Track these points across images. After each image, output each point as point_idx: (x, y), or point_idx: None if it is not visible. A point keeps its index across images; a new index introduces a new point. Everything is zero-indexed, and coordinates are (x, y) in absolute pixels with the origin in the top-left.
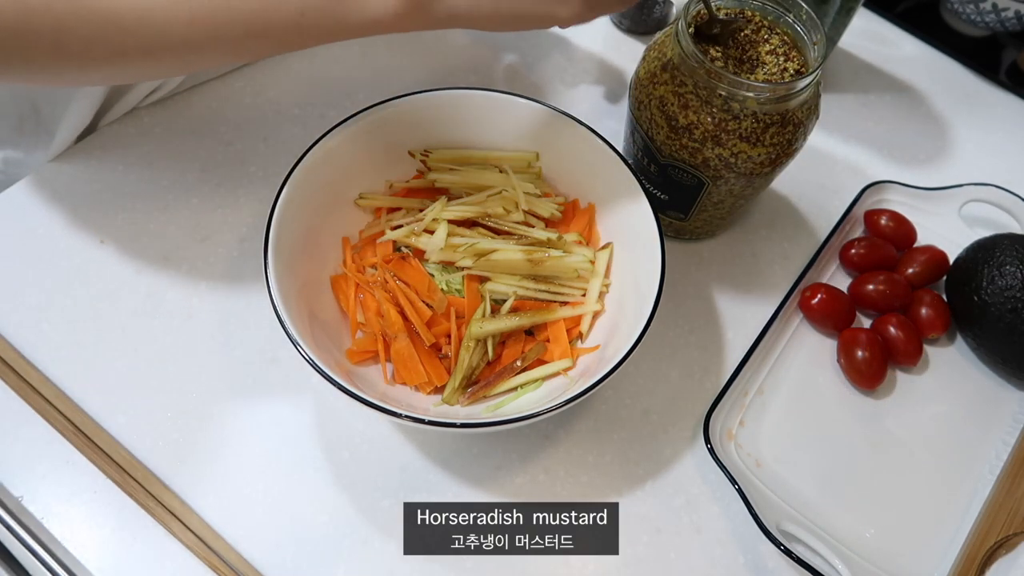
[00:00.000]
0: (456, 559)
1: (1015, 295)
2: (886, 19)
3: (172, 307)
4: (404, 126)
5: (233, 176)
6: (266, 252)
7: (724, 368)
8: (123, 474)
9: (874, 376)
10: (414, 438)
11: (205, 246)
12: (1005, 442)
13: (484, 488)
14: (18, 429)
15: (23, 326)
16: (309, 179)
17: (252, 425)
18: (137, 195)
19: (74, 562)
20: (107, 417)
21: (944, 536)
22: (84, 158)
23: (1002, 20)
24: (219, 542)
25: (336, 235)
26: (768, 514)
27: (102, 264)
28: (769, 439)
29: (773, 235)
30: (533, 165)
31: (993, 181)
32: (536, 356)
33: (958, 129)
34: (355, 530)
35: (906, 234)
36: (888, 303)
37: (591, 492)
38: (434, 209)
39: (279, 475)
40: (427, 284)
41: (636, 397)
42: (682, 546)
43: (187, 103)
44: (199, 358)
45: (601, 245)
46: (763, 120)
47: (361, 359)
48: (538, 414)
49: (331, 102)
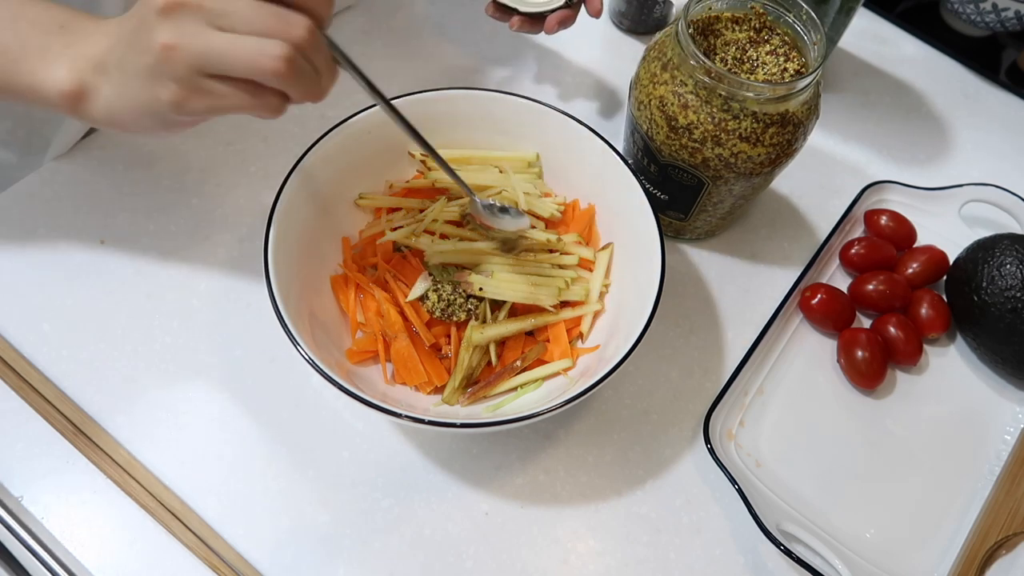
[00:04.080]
0: (456, 559)
1: (1015, 295)
2: (886, 19)
3: (172, 307)
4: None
5: (233, 176)
6: (266, 252)
7: (724, 368)
8: (123, 474)
9: (874, 376)
10: (414, 438)
11: (205, 246)
12: (1005, 442)
13: (484, 488)
14: (18, 429)
15: (23, 326)
16: (309, 179)
17: (252, 425)
18: (137, 195)
19: (74, 562)
20: (107, 417)
21: (944, 536)
22: (84, 158)
23: (1002, 20)
24: (219, 542)
25: (336, 235)
26: (768, 514)
27: (102, 264)
28: (769, 439)
29: (773, 235)
30: (533, 165)
31: (993, 181)
32: (536, 356)
33: (958, 129)
34: (355, 530)
35: (906, 234)
36: (888, 303)
37: (591, 492)
38: (434, 209)
39: (279, 475)
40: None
41: (636, 397)
42: (682, 546)
43: None
44: (199, 358)
45: (601, 245)
46: (763, 120)
47: (361, 359)
48: (538, 414)
49: (331, 102)
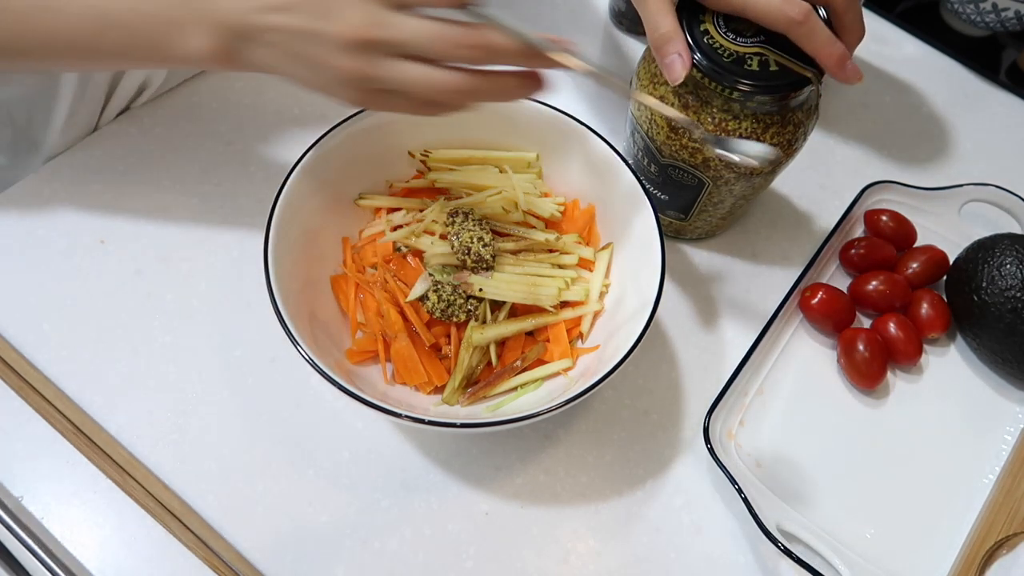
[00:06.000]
0: (456, 559)
1: (1015, 295)
2: (886, 19)
3: (172, 307)
4: (404, 126)
5: (233, 176)
6: (266, 252)
7: (724, 368)
8: (123, 474)
9: (874, 376)
10: (414, 438)
11: (205, 246)
12: (1005, 442)
13: (484, 488)
14: (18, 429)
15: (23, 326)
16: (309, 179)
17: (252, 425)
18: (137, 195)
19: (74, 562)
20: (107, 417)
21: (944, 536)
22: (84, 158)
23: (1002, 20)
24: (219, 542)
25: (336, 235)
26: (768, 514)
27: (102, 264)
28: (769, 439)
29: (773, 235)
30: (533, 165)
31: (993, 181)
32: (536, 356)
33: (958, 129)
34: (355, 530)
35: (906, 234)
36: (888, 303)
37: (591, 492)
38: (434, 209)
39: (279, 475)
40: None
41: (636, 397)
42: (682, 546)
43: (187, 103)
44: (199, 358)
45: (601, 245)
46: (763, 120)
47: (361, 359)
48: (538, 414)
49: (331, 102)
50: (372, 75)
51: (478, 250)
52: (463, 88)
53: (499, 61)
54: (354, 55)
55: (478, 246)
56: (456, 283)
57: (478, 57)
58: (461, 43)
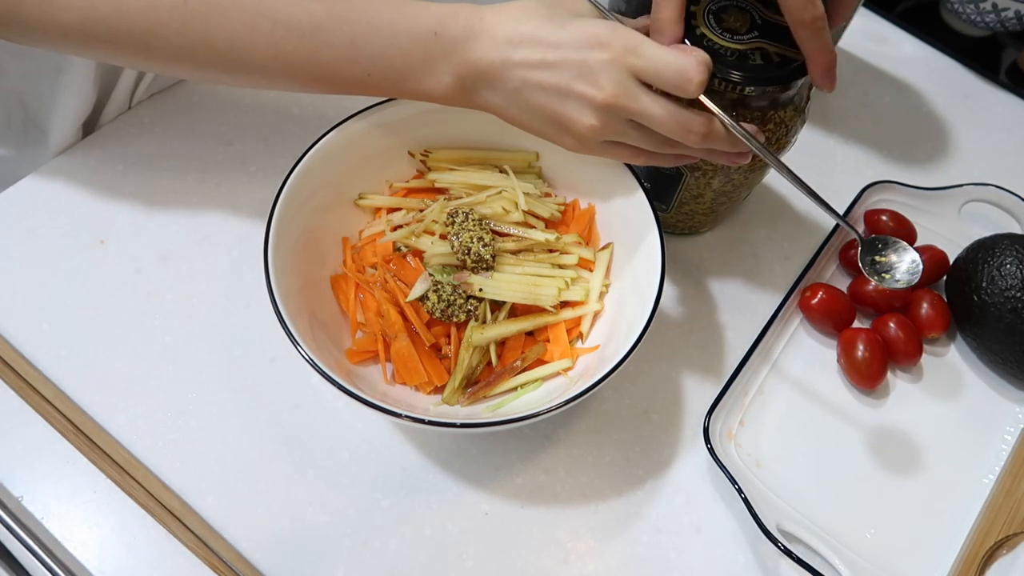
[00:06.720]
0: (456, 559)
1: (1015, 295)
2: (886, 19)
3: (172, 307)
4: (404, 126)
5: (233, 176)
6: (266, 252)
7: (724, 368)
8: (123, 474)
9: (874, 376)
10: (414, 438)
11: (205, 246)
12: (1005, 442)
13: (484, 488)
14: (18, 429)
15: (23, 326)
16: (309, 179)
17: (252, 425)
18: (137, 195)
19: (74, 562)
20: (107, 417)
21: (944, 536)
22: (84, 158)
23: (1002, 20)
24: (219, 542)
25: (336, 235)
26: (768, 514)
27: (102, 264)
28: (769, 439)
29: (773, 235)
30: (533, 165)
31: (993, 181)
32: (536, 356)
33: (958, 129)
34: (355, 530)
35: (906, 234)
36: (888, 303)
37: (591, 492)
38: (434, 209)
39: (279, 475)
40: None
41: (636, 397)
42: (682, 546)
43: (187, 103)
44: (199, 358)
45: (601, 245)
46: (744, 117)
47: (361, 359)
48: (538, 414)
49: (331, 102)
50: (607, 133)
51: (478, 250)
52: (686, 156)
53: (711, 146)
54: (599, 115)
55: (478, 246)
56: (456, 283)
57: (696, 141)
58: (688, 127)
